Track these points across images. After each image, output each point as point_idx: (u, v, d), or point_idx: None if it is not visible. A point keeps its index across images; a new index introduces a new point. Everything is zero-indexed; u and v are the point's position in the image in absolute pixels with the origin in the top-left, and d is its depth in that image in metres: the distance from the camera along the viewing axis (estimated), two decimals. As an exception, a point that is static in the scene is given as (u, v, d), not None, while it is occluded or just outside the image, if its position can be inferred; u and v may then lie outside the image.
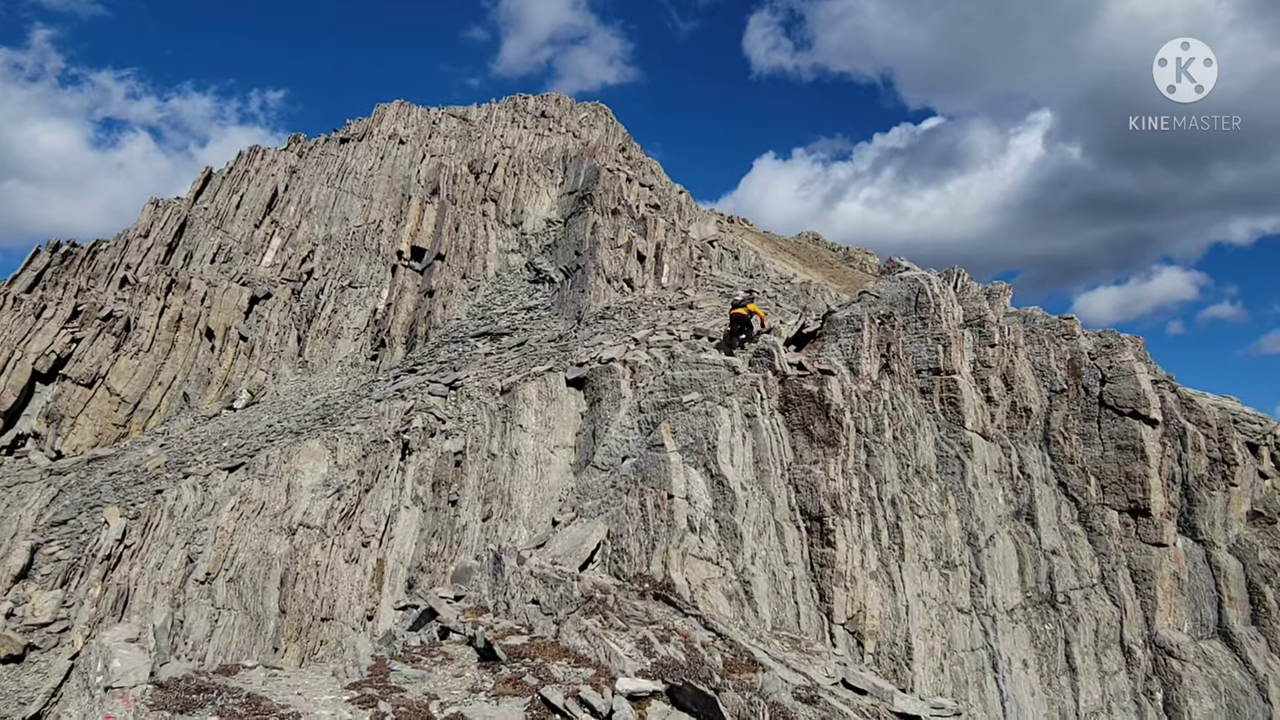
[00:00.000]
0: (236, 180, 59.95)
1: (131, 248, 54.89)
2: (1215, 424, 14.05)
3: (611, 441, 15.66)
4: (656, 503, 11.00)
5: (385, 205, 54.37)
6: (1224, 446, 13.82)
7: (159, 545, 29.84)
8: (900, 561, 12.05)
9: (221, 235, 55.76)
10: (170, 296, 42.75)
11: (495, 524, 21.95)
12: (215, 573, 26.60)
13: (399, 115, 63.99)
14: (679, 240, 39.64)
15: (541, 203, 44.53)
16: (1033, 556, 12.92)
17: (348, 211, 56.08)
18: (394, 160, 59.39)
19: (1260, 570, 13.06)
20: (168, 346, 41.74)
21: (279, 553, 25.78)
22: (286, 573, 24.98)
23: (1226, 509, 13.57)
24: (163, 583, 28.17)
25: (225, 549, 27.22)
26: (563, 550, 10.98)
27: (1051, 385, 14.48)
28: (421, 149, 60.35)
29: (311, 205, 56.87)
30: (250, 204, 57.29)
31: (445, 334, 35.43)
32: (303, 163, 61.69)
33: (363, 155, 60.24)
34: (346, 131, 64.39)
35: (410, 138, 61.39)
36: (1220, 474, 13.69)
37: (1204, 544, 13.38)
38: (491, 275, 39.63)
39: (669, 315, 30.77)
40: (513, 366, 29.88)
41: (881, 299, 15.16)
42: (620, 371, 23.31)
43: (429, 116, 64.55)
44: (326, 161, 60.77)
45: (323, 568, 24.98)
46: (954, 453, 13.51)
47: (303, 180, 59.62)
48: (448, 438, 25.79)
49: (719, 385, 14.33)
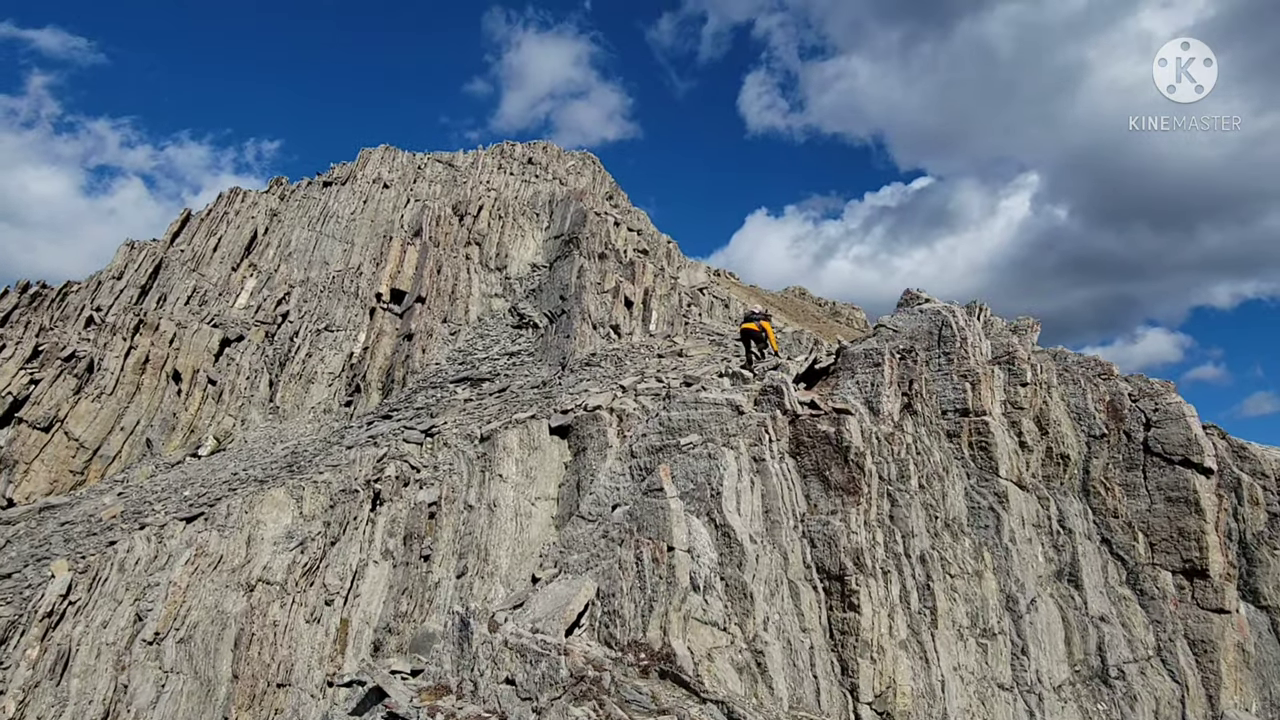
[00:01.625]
0: (215, 222, 58.56)
1: (103, 289, 53.22)
2: (1273, 474, 12.61)
3: (600, 489, 14.05)
4: (655, 556, 9.40)
5: (366, 249, 53.05)
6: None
7: (106, 601, 27.60)
8: (933, 629, 10.43)
9: (197, 278, 54.17)
10: (137, 337, 40.98)
11: (470, 581, 20.20)
12: (165, 632, 24.47)
13: (384, 159, 63.07)
14: (668, 286, 38.42)
15: (526, 247, 43.33)
16: (1079, 624, 11.33)
17: (328, 255, 54.70)
18: (377, 204, 58.26)
19: (1335, 641, 11.52)
20: (132, 389, 39.84)
21: (235, 611, 23.78)
22: (241, 633, 22.96)
23: (1291, 571, 12.06)
24: (107, 643, 25.90)
25: (177, 606, 25.13)
26: (544, 611, 9.33)
27: (1090, 430, 13.04)
28: (406, 194, 59.31)
29: (291, 249, 55.48)
30: (228, 246, 55.84)
31: (423, 379, 33.79)
32: (284, 206, 60.46)
33: (345, 199, 59.09)
34: (330, 175, 63.34)
35: (395, 182, 60.39)
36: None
37: (1268, 610, 11.83)
38: (473, 319, 38.17)
39: (658, 363, 29.38)
40: (493, 413, 28.30)
41: (900, 333, 13.76)
42: (607, 420, 21.83)
43: (414, 161, 63.68)
44: (308, 205, 59.56)
45: (281, 628, 22.97)
46: (987, 503, 11.99)
47: (283, 223, 58.31)
48: (422, 487, 24.11)
49: (720, 426, 12.80)
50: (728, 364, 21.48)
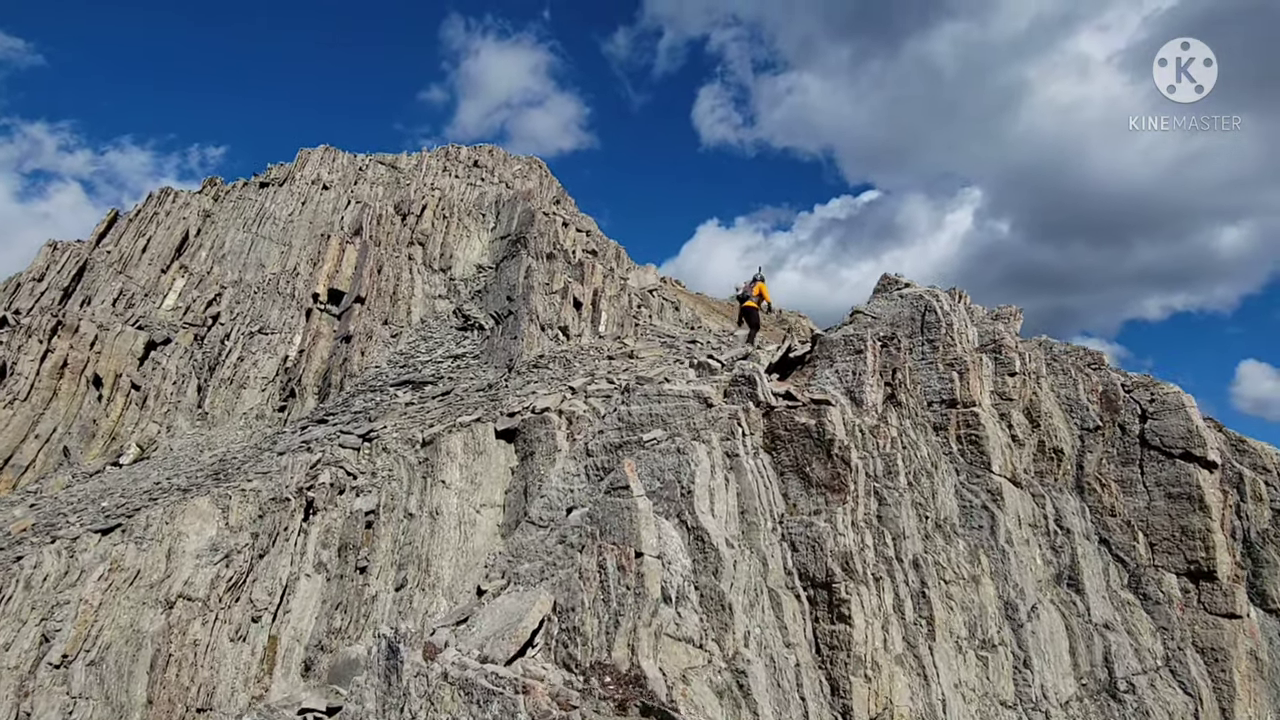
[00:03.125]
0: (144, 223, 55.73)
1: (22, 291, 50.16)
2: (1275, 468, 11.81)
3: (552, 492, 12.72)
4: (620, 563, 8.13)
5: (304, 251, 50.92)
6: (1289, 495, 11.55)
7: (10, 622, 25.29)
8: (930, 641, 9.30)
9: (124, 280, 51.37)
10: (55, 340, 38.39)
11: (410, 594, 18.76)
12: (73, 654, 22.37)
13: (323, 160, 60.86)
14: (618, 288, 37.22)
15: (472, 247, 41.76)
16: (1084, 633, 10.32)
17: (264, 258, 52.39)
18: (316, 206, 56.09)
19: (1349, 646, 10.71)
20: (48, 395, 37.25)
21: (152, 630, 21.84)
22: (158, 654, 21.03)
23: (1299, 571, 11.24)
24: (9, 667, 23.63)
25: (87, 626, 23.02)
26: (493, 629, 7.99)
27: (1083, 422, 12.11)
28: (346, 195, 57.23)
29: (225, 251, 53.02)
30: (158, 248, 53.12)
31: (362, 382, 32.03)
32: (218, 207, 57.87)
33: (283, 200, 56.78)
34: (267, 176, 60.87)
35: (335, 183, 58.27)
36: (1288, 529, 11.39)
37: (1276, 614, 10.99)
38: (416, 321, 36.48)
39: (608, 364, 28.20)
40: (436, 417, 26.76)
41: (880, 320, 12.71)
42: (556, 422, 20.60)
43: (355, 163, 61.57)
44: (244, 206, 57.09)
45: (203, 647, 21.07)
46: (979, 502, 10.95)
47: (217, 225, 55.77)
48: (359, 495, 22.52)
49: (687, 420, 11.57)
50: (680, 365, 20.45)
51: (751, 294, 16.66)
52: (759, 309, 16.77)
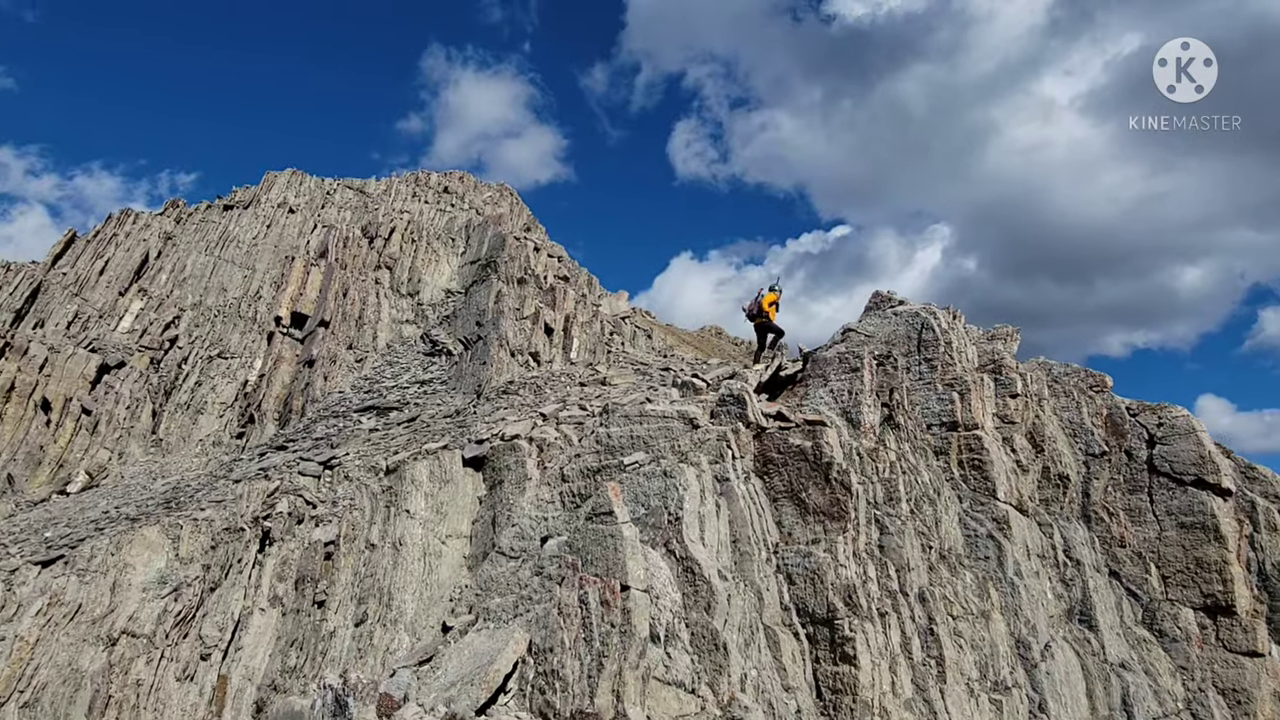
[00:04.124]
0: (102, 244, 54.12)
1: (-31, 314, 48.35)
2: (1288, 497, 11.21)
3: (524, 520, 11.82)
4: (604, 598, 7.27)
5: (268, 275, 49.66)
6: (1304, 525, 10.95)
7: (-62, 663, 23.65)
8: (941, 684, 8.50)
9: (79, 302, 49.69)
10: (3, 362, 36.74)
11: (371, 629, 17.66)
12: (6, 695, 20.82)
13: (290, 184, 59.72)
14: (590, 314, 36.48)
15: (441, 272, 40.82)
16: (1100, 673, 9.58)
17: (226, 282, 51.00)
18: (282, 229, 54.88)
19: (1375, 687, 10.05)
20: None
21: (92, 669, 20.41)
22: (98, 695, 19.61)
23: (1318, 606, 10.60)
24: (-65, 711, 22.02)
25: (22, 664, 21.48)
26: (460, 673, 7.08)
27: (1088, 448, 11.46)
28: (313, 219, 56.09)
29: (186, 274, 51.56)
30: (116, 270, 51.51)
31: (325, 408, 30.85)
32: (180, 229, 56.44)
33: (247, 223, 55.52)
34: (231, 198, 59.58)
35: (301, 207, 57.13)
36: (1304, 560, 10.77)
37: (1297, 652, 10.32)
38: (382, 346, 35.39)
39: (580, 391, 27.33)
40: (401, 444, 25.68)
41: (874, 338, 12.02)
42: (526, 449, 19.69)
43: (323, 187, 60.49)
44: (207, 229, 55.72)
45: (146, 688, 19.69)
46: (985, 531, 10.22)
47: (178, 247, 54.31)
48: (318, 525, 21.37)
49: (671, 443, 10.76)
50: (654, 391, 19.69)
51: (761, 304, 15.73)
52: (766, 322, 15.78)
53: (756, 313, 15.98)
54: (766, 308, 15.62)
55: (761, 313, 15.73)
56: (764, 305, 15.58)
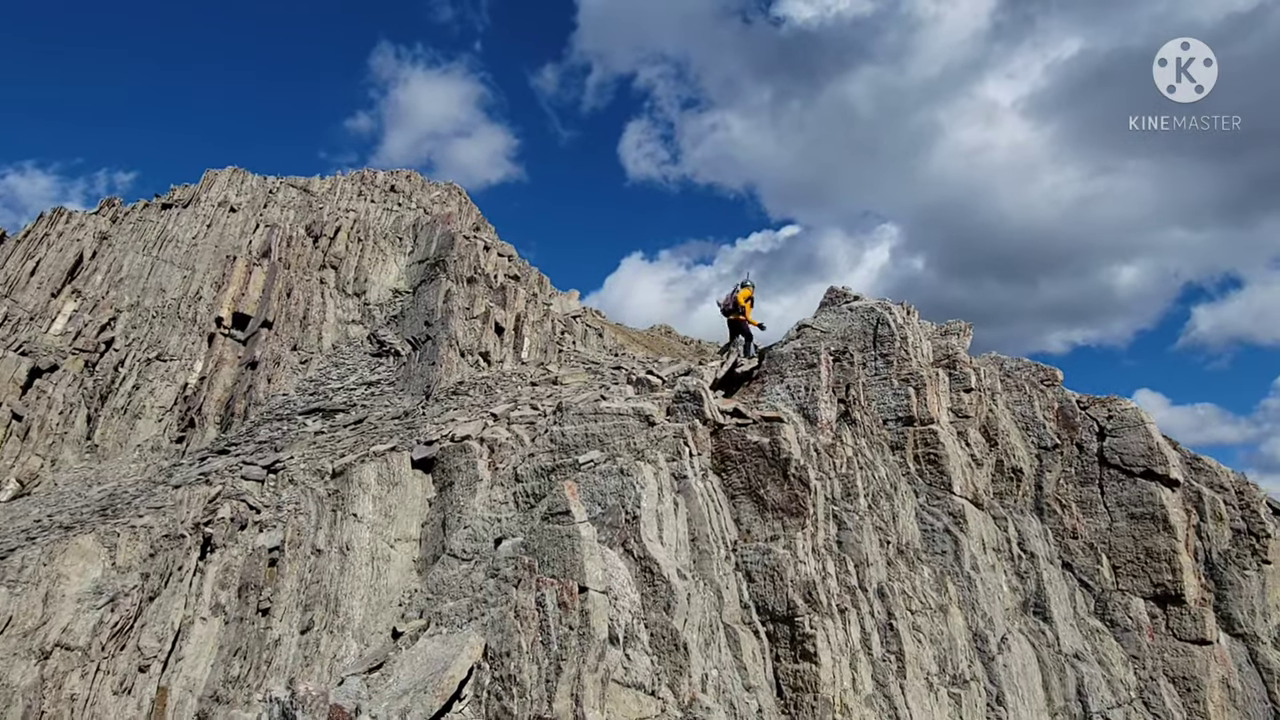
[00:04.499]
0: (34, 244, 52.13)
1: (-111, 317, 46.24)
2: (1233, 487, 11.44)
3: (477, 522, 11.54)
4: (562, 599, 7.06)
5: (208, 275, 48.33)
6: (1249, 514, 11.17)
7: None
8: (901, 679, 8.44)
9: (9, 304, 47.83)
10: (-76, 368, 35.17)
11: (318, 636, 17.15)
12: (-70, 716, 19.91)
13: (231, 182, 58.20)
14: (541, 313, 36.16)
15: (389, 272, 40.13)
16: (1055, 664, 9.63)
17: (165, 283, 49.49)
18: (223, 229, 53.45)
19: (1318, 671, 10.27)
20: (-86, 428, 34.00)
21: (23, 684, 19.55)
22: (29, 711, 18.79)
23: (1263, 593, 10.82)
24: None
25: (-52, 683, 20.55)
26: (412, 680, 6.81)
27: (1040, 441, 11.56)
28: (255, 218, 54.73)
29: (123, 274, 49.92)
30: (48, 270, 49.65)
31: (268, 411, 30.06)
32: (116, 228, 54.64)
33: (187, 223, 53.95)
34: (170, 197, 57.86)
35: (243, 206, 55.71)
36: (1249, 549, 10.99)
37: (1244, 639, 10.51)
38: (327, 347, 34.64)
39: (532, 391, 27.02)
40: (348, 446, 25.11)
41: (830, 334, 11.98)
42: (477, 450, 19.34)
43: (266, 185, 59.07)
44: (144, 228, 54.02)
45: (81, 702, 18.91)
46: (942, 525, 10.22)
47: (114, 247, 52.57)
48: (262, 530, 20.74)
49: (627, 440, 10.57)
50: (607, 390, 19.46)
51: (734, 302, 15.27)
52: (742, 319, 15.31)
53: (732, 308, 15.59)
54: (743, 303, 15.19)
55: (737, 308, 15.32)
56: (740, 300, 15.15)
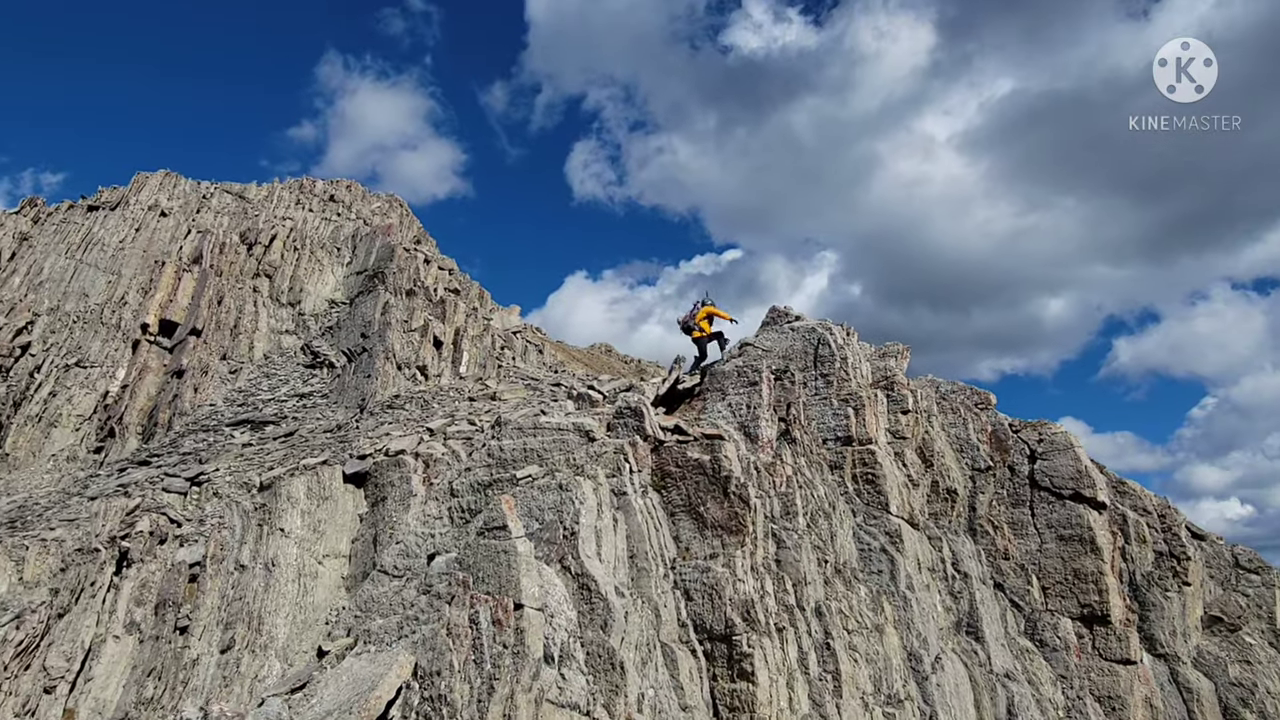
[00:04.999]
0: (-54, 244, 49.99)
1: None
2: (1155, 510, 11.76)
3: (410, 537, 11.26)
4: (497, 617, 6.88)
5: (135, 281, 46.75)
6: (1170, 537, 11.50)
7: None
8: (837, 699, 8.43)
9: (-83, 307, 45.66)
10: None
11: (239, 656, 16.50)
12: None
13: (162, 186, 56.53)
14: (481, 328, 35.79)
15: (325, 282, 39.33)
16: (987, 684, 9.73)
17: (88, 287, 47.71)
18: (152, 233, 51.81)
19: (1235, 691, 10.57)
20: None
21: (-82, 709, 18.50)
22: (-77, 738, 17.77)
23: (1183, 614, 11.12)
24: None
25: None
26: (337, 701, 6.54)
27: (974, 462, 11.74)
28: (187, 224, 53.20)
29: (43, 277, 48.00)
30: (-39, 272, 47.63)
31: (194, 421, 29.10)
32: (38, 230, 52.60)
33: (114, 226, 52.18)
34: (96, 199, 55.92)
35: (175, 210, 54.12)
36: (1170, 570, 11.30)
37: (1165, 659, 10.78)
38: (259, 357, 33.75)
39: (469, 406, 26.66)
40: (277, 459, 24.40)
41: (771, 353, 12.02)
42: (411, 465, 18.95)
43: (199, 190, 57.50)
44: (68, 230, 52.09)
45: (-19, 727, 17.95)
46: (878, 544, 10.28)
47: (35, 249, 50.59)
48: (183, 545, 19.97)
49: (566, 456, 10.43)
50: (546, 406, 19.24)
51: (694, 323, 14.88)
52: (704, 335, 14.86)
53: (690, 327, 15.19)
54: (700, 321, 14.81)
55: (696, 326, 14.93)
56: (698, 319, 14.79)
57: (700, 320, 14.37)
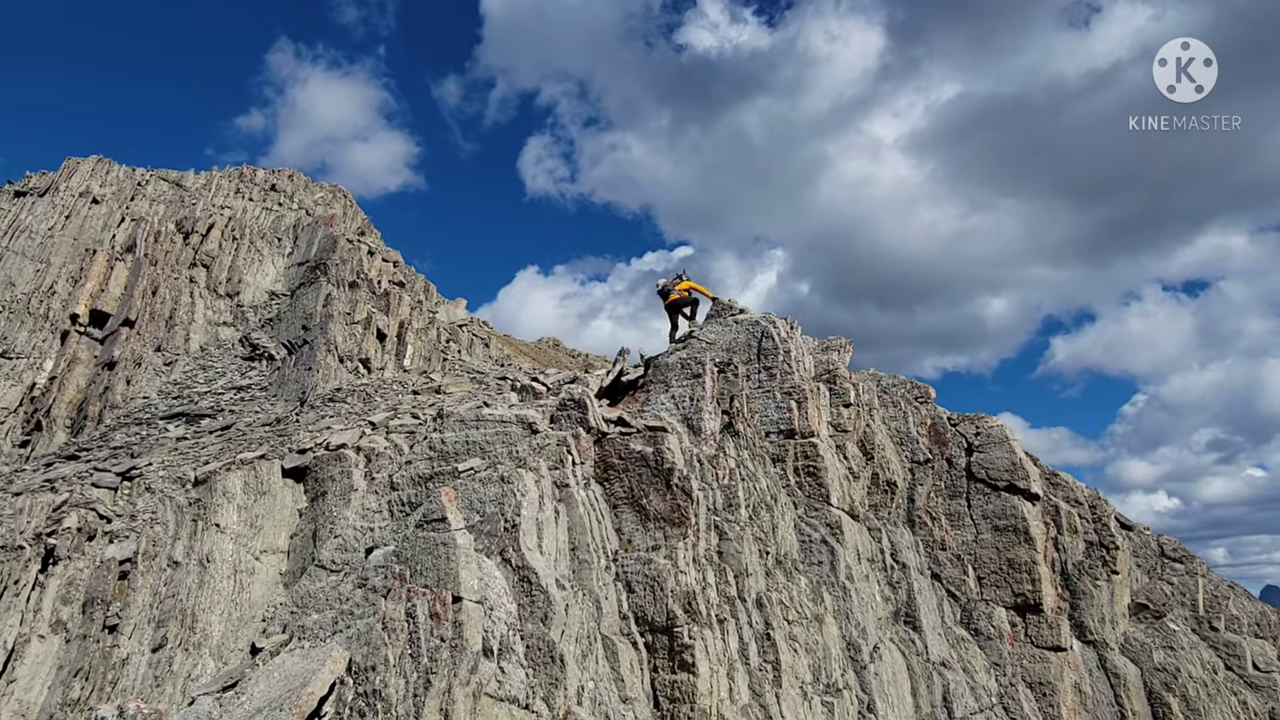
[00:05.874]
0: None
1: None
2: (1086, 501, 12.08)
3: (348, 531, 11.06)
4: (434, 610, 6.77)
5: (65, 270, 45.23)
6: (1100, 528, 11.82)
7: None
8: (777, 689, 8.49)
9: None
10: None
11: (170, 654, 16.07)
12: None
13: (95, 172, 54.72)
14: (426, 321, 35.39)
15: (265, 273, 38.49)
16: (924, 672, 9.89)
17: (14, 275, 46.00)
18: (84, 221, 50.14)
19: (1159, 676, 10.91)
20: None
21: None
22: None
23: (1112, 602, 11.44)
24: None
25: None
26: (268, 698, 6.38)
27: (913, 455, 11.93)
28: (121, 211, 51.59)
29: (-35, 265, 46.25)
30: (-123, 259, 45.55)
31: (126, 414, 28.26)
32: (-41, 216, 50.63)
33: (43, 213, 50.36)
34: (24, 184, 53.92)
35: (108, 198, 52.43)
36: (1100, 560, 11.61)
37: (1094, 645, 11.08)
38: (195, 349, 32.90)
39: (413, 399, 26.34)
40: (213, 454, 23.81)
41: (715, 345, 12.06)
42: (353, 459, 18.64)
43: (134, 177, 55.77)
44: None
45: (-104, 733, 17.24)
46: (819, 536, 10.38)
47: (-43, 236, 48.68)
48: (113, 541, 19.38)
49: (509, 449, 10.33)
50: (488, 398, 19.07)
51: (672, 287, 14.77)
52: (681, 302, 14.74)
53: (668, 291, 15.06)
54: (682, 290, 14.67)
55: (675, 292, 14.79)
56: (680, 289, 14.64)
57: (682, 290, 14.31)
